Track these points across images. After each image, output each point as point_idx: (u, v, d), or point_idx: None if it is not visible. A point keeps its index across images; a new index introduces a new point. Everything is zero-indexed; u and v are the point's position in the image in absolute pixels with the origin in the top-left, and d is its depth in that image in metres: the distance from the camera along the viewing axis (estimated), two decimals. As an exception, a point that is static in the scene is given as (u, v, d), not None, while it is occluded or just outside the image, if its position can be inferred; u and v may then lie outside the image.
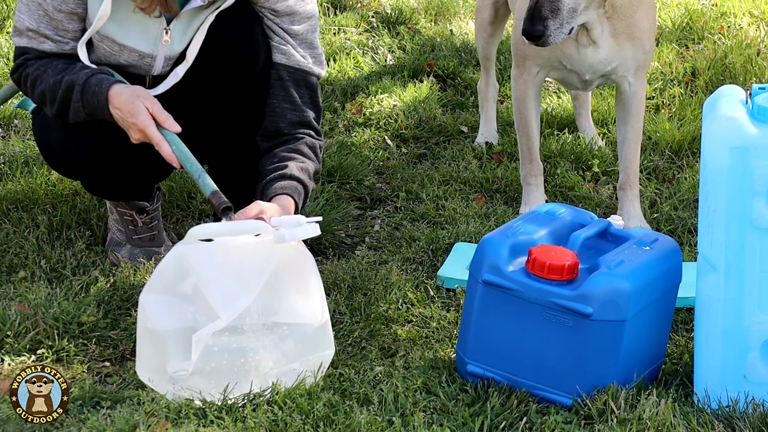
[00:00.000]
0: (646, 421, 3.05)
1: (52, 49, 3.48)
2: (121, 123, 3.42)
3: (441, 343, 3.49)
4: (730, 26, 5.83)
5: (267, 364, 3.13)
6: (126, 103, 3.38)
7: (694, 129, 4.81)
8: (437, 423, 3.09)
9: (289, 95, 3.61)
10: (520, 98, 4.25)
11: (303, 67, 3.62)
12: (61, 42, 3.49)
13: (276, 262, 3.14)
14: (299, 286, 3.18)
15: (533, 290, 3.14)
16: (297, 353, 3.17)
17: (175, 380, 3.11)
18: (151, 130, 3.37)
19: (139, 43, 3.53)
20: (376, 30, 5.87)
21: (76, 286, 3.68)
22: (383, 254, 4.01)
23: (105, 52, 3.54)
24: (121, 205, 3.89)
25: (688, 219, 4.20)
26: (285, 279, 3.16)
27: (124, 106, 3.38)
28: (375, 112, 5.05)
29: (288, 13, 3.60)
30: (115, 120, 3.43)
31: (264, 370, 3.12)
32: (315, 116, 3.66)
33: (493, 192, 4.47)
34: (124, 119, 3.39)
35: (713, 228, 3.08)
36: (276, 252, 3.15)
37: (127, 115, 3.38)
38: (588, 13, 3.97)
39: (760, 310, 3.11)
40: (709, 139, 3.07)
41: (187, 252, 3.12)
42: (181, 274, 3.11)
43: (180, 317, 3.11)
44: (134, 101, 3.38)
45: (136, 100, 3.38)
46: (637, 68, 4.16)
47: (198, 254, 3.12)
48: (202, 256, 3.12)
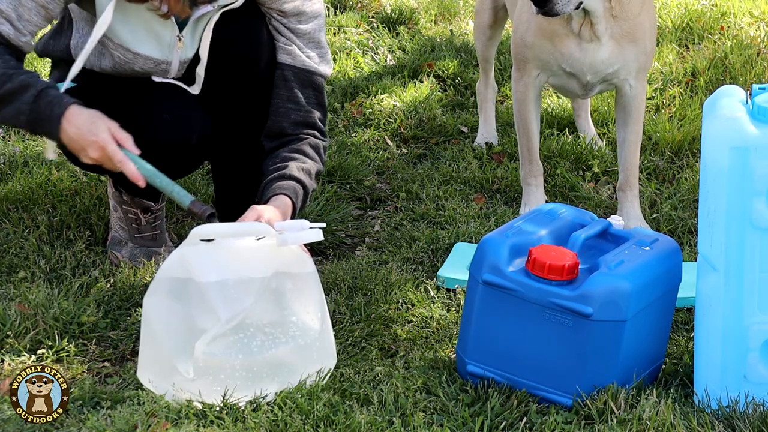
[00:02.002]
0: (646, 421, 3.05)
1: (8, 34, 3.38)
2: (74, 142, 3.34)
3: (441, 343, 3.50)
4: (730, 26, 5.83)
5: (267, 372, 3.13)
6: (86, 122, 3.33)
7: (694, 129, 4.81)
8: (437, 423, 3.09)
9: (294, 95, 3.61)
10: (521, 100, 4.25)
11: (308, 67, 3.62)
12: (20, 32, 3.41)
13: (278, 265, 3.14)
14: (299, 293, 3.18)
15: (533, 290, 3.14)
16: (298, 361, 3.16)
17: (176, 384, 3.11)
18: (112, 148, 3.32)
19: (153, 51, 3.55)
20: (376, 30, 5.88)
21: (75, 286, 3.68)
22: (383, 254, 4.01)
23: (120, 59, 3.55)
24: (127, 203, 3.88)
25: (688, 219, 4.20)
26: (286, 283, 3.16)
27: (84, 125, 3.33)
28: (375, 112, 5.05)
29: (295, 13, 3.60)
30: (63, 138, 3.35)
31: (264, 376, 3.12)
32: (320, 117, 3.65)
33: (493, 192, 4.47)
34: (83, 137, 3.32)
35: (713, 228, 3.08)
36: (278, 256, 3.15)
37: (87, 133, 3.32)
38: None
39: (760, 310, 3.11)
40: (709, 139, 3.07)
41: (189, 254, 3.12)
42: (183, 275, 3.11)
43: (182, 320, 3.11)
44: (95, 120, 3.34)
45: (98, 120, 3.34)
46: (639, 70, 4.15)
47: (200, 256, 3.12)
48: (203, 257, 3.12)
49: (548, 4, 3.87)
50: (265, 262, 3.13)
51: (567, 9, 3.89)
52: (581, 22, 4.03)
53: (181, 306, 3.11)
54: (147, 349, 3.17)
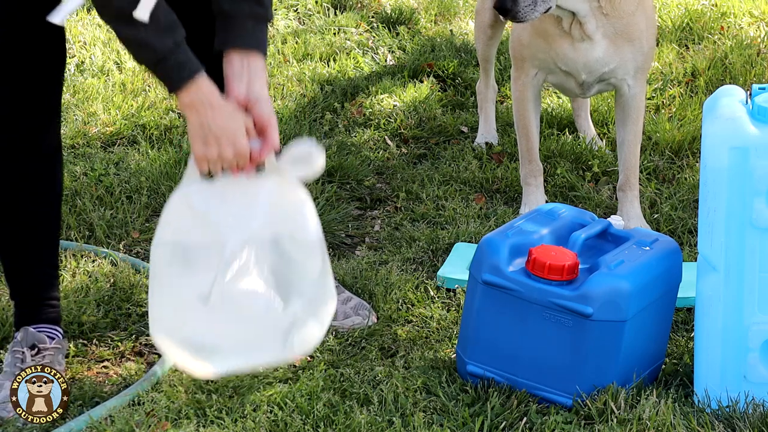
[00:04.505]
0: (646, 421, 3.06)
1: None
2: (204, 127, 2.88)
3: (441, 343, 3.50)
4: (730, 26, 5.83)
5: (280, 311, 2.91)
6: (229, 116, 2.90)
7: (694, 129, 4.81)
8: (437, 423, 3.10)
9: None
10: (519, 99, 4.25)
11: None
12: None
13: (276, 194, 2.94)
14: (299, 217, 2.97)
15: (533, 290, 3.14)
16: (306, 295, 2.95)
17: (189, 339, 2.90)
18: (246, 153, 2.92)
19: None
20: (376, 30, 5.87)
21: (76, 286, 3.68)
22: (383, 254, 4.01)
23: None
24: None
25: (688, 219, 4.20)
26: (286, 208, 2.96)
27: (225, 119, 2.89)
28: (375, 112, 5.05)
29: None
30: (186, 107, 2.89)
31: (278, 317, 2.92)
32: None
33: (493, 192, 4.47)
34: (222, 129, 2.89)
35: (713, 228, 3.09)
36: (276, 183, 2.95)
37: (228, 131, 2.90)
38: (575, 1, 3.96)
39: (760, 310, 3.11)
40: (709, 139, 3.07)
41: (189, 192, 2.92)
42: (187, 215, 2.92)
43: (192, 266, 2.92)
44: (237, 118, 2.90)
45: (239, 117, 2.91)
46: (637, 70, 4.15)
47: (200, 192, 2.93)
48: (204, 193, 2.93)
49: (510, 12, 3.87)
50: (264, 190, 2.94)
51: (533, 15, 3.88)
52: (570, 21, 4.02)
53: (190, 248, 2.91)
54: (156, 302, 2.94)
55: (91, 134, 4.78)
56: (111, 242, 4.03)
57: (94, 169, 4.45)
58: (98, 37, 5.54)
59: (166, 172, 4.41)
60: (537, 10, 3.88)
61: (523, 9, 3.86)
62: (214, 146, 2.88)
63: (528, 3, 3.87)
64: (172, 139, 4.72)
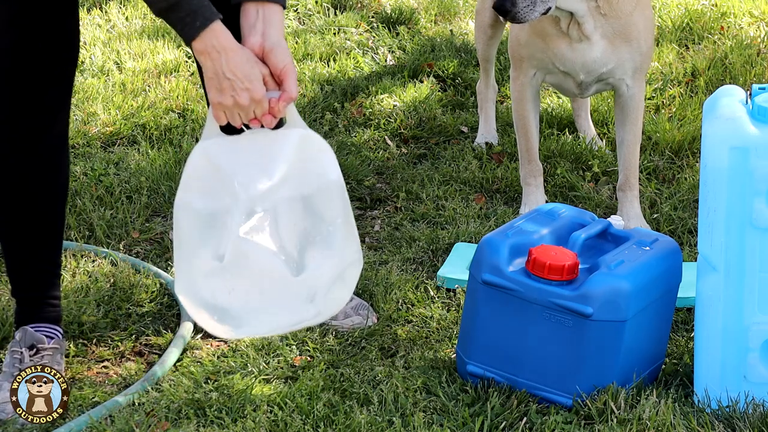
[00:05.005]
0: (646, 421, 3.06)
1: None
2: (218, 76, 2.81)
3: (441, 343, 3.50)
4: (730, 26, 5.83)
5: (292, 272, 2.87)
6: (245, 63, 2.82)
7: (694, 129, 4.81)
8: (437, 423, 3.10)
9: None
10: (518, 99, 4.26)
11: None
12: None
13: (299, 149, 2.90)
14: (320, 165, 2.94)
15: (533, 290, 3.14)
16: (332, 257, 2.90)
17: (208, 301, 2.85)
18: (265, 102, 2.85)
19: None
20: (376, 30, 5.87)
21: (76, 286, 3.68)
22: (383, 254, 4.01)
23: None
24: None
25: (688, 219, 4.20)
26: (309, 164, 2.93)
27: (241, 66, 2.81)
28: (375, 112, 5.05)
29: None
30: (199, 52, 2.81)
31: (291, 278, 2.87)
32: None
33: (493, 192, 4.47)
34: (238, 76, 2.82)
35: (713, 228, 3.09)
36: (299, 138, 2.91)
37: (243, 78, 2.83)
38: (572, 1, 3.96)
39: (760, 310, 3.11)
40: (709, 140, 3.07)
41: (209, 146, 2.87)
42: (207, 171, 2.87)
43: (211, 226, 2.86)
44: (253, 66, 2.83)
45: (255, 65, 2.83)
46: (635, 71, 4.15)
47: (218, 145, 2.87)
48: (223, 146, 2.87)
49: (509, 13, 3.87)
50: (286, 143, 2.88)
51: (532, 16, 3.88)
52: (568, 21, 4.03)
53: (211, 202, 2.86)
54: (179, 262, 2.89)
55: (91, 134, 4.78)
56: (111, 242, 4.03)
57: (94, 169, 4.45)
58: (98, 37, 5.54)
59: (166, 172, 4.41)
60: (536, 11, 3.88)
61: (522, 10, 3.87)
62: (228, 93, 2.81)
63: (527, 4, 3.87)
64: (172, 139, 4.72)
